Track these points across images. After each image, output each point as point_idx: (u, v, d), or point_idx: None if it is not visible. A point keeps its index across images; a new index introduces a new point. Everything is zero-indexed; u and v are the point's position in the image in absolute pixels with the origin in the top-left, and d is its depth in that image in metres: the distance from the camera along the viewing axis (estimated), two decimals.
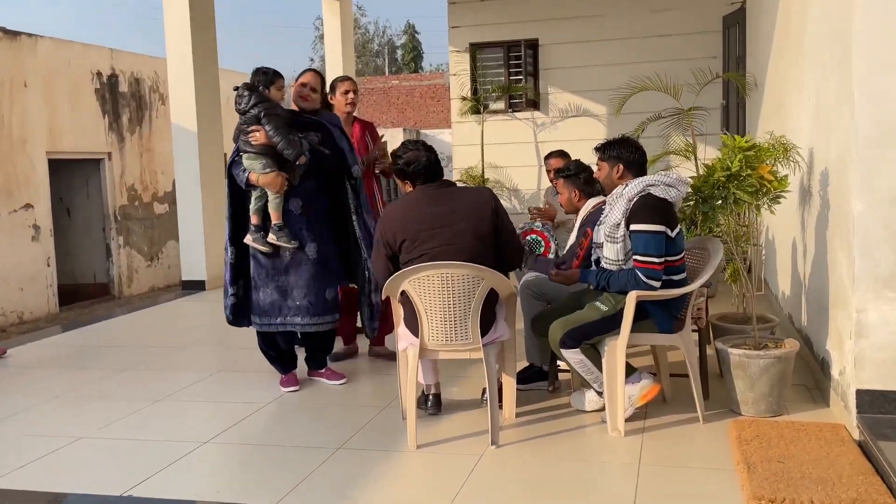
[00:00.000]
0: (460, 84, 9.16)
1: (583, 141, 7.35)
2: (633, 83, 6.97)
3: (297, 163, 3.98)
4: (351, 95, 4.71)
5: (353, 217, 4.21)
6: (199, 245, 7.85)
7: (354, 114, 4.86)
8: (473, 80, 9.11)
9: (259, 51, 65.28)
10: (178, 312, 6.91)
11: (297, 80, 4.28)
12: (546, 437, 3.45)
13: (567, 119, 8.93)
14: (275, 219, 4.07)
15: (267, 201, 4.09)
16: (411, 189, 3.56)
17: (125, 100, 11.34)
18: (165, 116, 12.31)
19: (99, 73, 11.28)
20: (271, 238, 4.06)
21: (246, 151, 4.07)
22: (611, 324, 3.45)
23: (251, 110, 3.99)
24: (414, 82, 24.95)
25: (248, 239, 4.13)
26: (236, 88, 4.06)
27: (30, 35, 10.58)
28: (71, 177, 11.77)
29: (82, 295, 11.83)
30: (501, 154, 9.13)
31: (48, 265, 10.65)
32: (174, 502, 2.98)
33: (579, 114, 8.86)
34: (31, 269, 10.41)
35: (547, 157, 5.54)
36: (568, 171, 4.08)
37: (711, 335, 4.25)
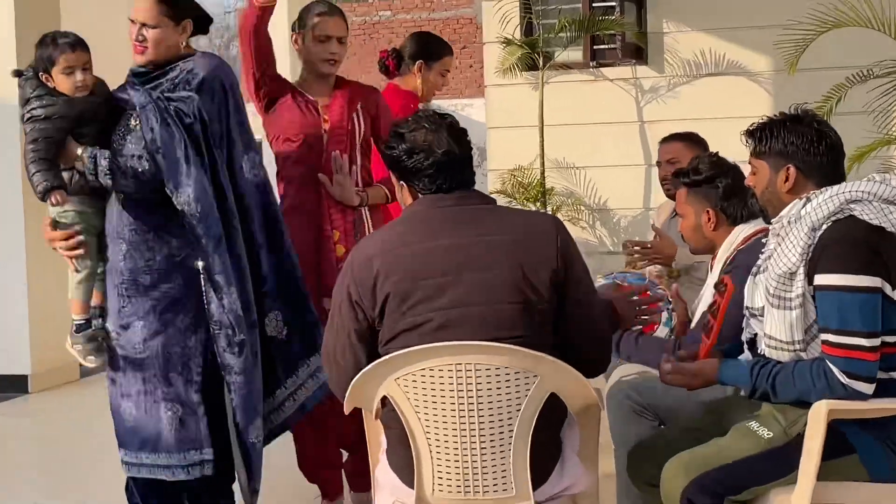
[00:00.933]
0: (502, 17, 9.23)
1: (726, 120, 7.31)
2: (818, 16, 6.97)
3: (50, 203, 4.21)
4: (334, 48, 4.84)
5: (203, 285, 4.26)
6: (20, 315, 7.91)
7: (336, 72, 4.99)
8: (527, 9, 9.19)
9: None
10: None
11: None
12: None
13: (698, 80, 9.03)
14: (73, 311, 4.35)
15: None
16: (411, 199, 3.57)
17: None
18: None
19: None
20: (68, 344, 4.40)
21: None
22: (779, 464, 3.46)
23: (22, 111, 4.33)
24: (420, 14, 25.31)
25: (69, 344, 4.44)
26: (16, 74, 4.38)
27: None
28: None
29: None
30: (576, 143, 9.18)
31: None
32: None
33: (719, 70, 8.94)
34: None
35: (662, 143, 5.52)
36: (695, 173, 4.13)
37: None
